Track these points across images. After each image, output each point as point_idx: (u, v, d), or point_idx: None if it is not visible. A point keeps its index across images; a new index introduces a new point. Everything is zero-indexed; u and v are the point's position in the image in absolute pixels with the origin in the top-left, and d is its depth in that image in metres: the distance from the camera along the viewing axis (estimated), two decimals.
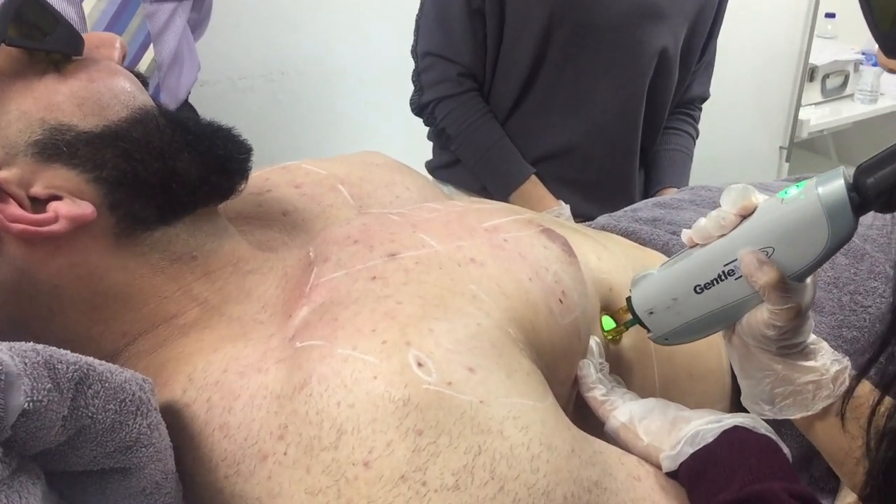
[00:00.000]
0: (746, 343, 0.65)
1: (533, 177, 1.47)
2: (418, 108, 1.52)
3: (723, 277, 0.63)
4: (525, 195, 1.46)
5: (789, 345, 0.64)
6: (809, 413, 0.65)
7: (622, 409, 0.68)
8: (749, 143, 2.62)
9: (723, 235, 0.64)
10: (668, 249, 0.99)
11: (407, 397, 0.53)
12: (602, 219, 1.14)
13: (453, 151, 1.51)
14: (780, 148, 2.64)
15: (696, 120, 1.64)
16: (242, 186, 0.70)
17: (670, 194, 1.34)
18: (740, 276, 0.62)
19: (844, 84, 2.74)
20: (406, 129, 1.66)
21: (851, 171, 0.60)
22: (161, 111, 0.67)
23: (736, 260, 0.62)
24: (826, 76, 2.67)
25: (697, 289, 0.65)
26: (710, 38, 1.55)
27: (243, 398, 0.57)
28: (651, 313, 0.69)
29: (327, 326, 0.59)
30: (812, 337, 0.65)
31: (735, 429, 0.62)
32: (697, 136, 1.64)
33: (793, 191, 0.61)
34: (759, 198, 0.62)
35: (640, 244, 1.02)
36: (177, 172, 0.64)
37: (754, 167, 2.64)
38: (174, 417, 0.59)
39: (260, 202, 0.79)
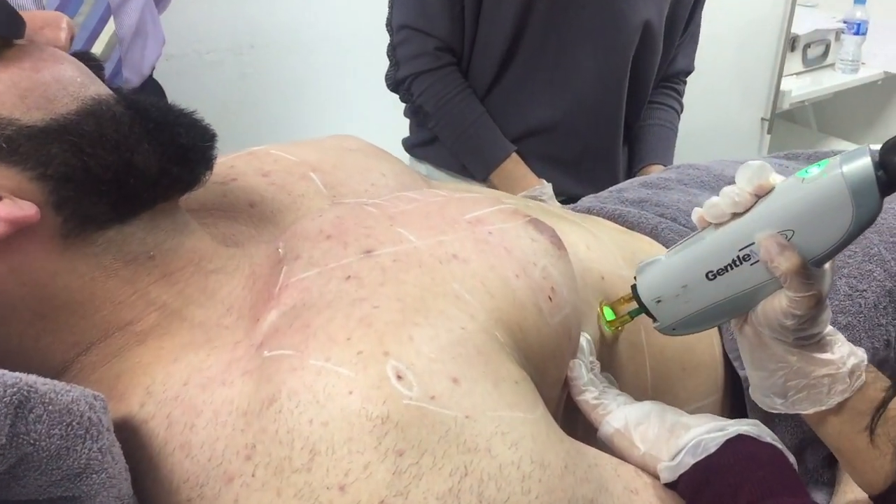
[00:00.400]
0: (760, 333, 0.62)
1: (514, 155, 1.43)
2: (394, 83, 1.46)
3: (737, 263, 0.60)
4: (506, 174, 1.42)
5: (806, 335, 0.60)
6: (823, 408, 0.62)
7: (616, 414, 0.64)
8: (730, 116, 2.59)
9: (736, 216, 0.60)
10: (656, 233, 0.96)
11: (386, 414, 0.49)
12: (587, 200, 1.10)
13: (431, 129, 1.46)
14: (762, 119, 2.61)
15: (681, 94, 1.61)
16: (207, 176, 0.65)
17: (655, 171, 1.31)
18: (756, 262, 0.59)
19: (825, 53, 2.71)
20: (382, 105, 1.61)
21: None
22: (118, 98, 0.61)
23: (752, 244, 0.59)
24: (807, 45, 2.64)
25: (710, 275, 0.62)
26: (695, 10, 1.51)
27: (206, 414, 0.53)
28: (658, 302, 0.65)
29: (298, 334, 0.54)
30: (828, 328, 0.62)
31: (739, 438, 0.59)
32: (682, 111, 1.61)
33: (814, 170, 0.57)
34: (776, 177, 0.59)
35: (628, 228, 0.99)
36: (134, 165, 0.59)
37: (736, 140, 2.61)
38: (131, 435, 0.54)
39: (224, 192, 0.74)
